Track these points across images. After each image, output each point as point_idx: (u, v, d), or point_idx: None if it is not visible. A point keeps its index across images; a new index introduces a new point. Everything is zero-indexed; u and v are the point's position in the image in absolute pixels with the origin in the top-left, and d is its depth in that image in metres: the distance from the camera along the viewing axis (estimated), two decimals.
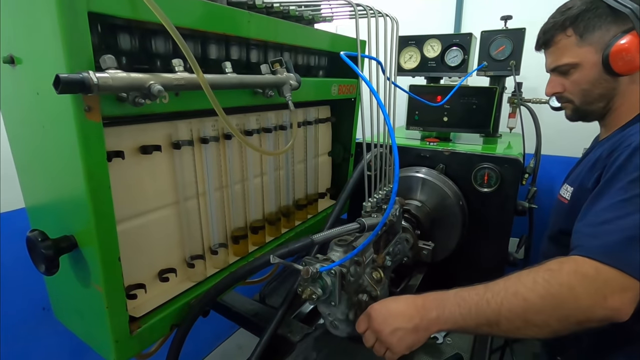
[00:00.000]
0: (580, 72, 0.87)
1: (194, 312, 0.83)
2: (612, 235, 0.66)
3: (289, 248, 0.75)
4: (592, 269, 0.64)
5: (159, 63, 0.79)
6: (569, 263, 0.67)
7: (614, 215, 0.68)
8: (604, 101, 0.88)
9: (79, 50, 0.55)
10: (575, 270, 0.65)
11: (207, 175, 0.90)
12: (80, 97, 0.56)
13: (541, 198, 2.11)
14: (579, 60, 0.86)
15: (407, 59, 1.67)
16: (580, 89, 0.89)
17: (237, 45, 0.93)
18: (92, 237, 0.63)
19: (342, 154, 1.47)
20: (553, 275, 0.66)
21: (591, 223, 0.72)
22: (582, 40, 0.84)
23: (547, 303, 0.64)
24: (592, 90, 0.87)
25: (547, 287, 0.65)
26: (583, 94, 0.89)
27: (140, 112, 0.66)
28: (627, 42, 0.78)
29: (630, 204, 0.67)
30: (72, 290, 0.74)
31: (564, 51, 0.87)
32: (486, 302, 0.68)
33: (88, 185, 0.60)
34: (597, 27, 0.82)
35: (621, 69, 0.80)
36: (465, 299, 0.71)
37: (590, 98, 0.89)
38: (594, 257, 0.65)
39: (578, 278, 0.64)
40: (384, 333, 0.74)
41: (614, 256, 0.64)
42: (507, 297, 0.66)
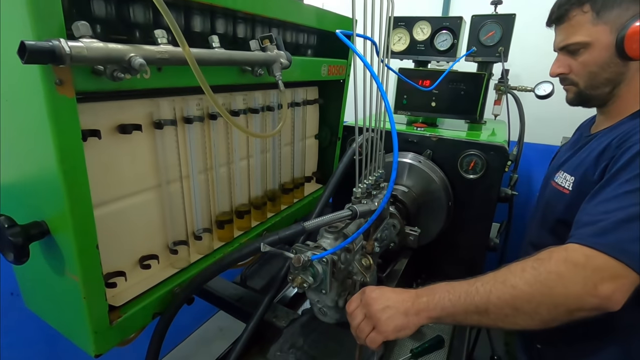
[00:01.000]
0: (590, 52, 0.82)
1: (178, 300, 0.80)
2: (607, 224, 0.65)
3: (280, 235, 0.72)
4: (583, 256, 0.64)
5: (137, 34, 0.72)
6: (559, 251, 0.66)
7: (615, 206, 0.67)
8: (610, 86, 0.84)
9: (48, 14, 0.48)
10: (565, 258, 0.65)
11: (190, 157, 0.85)
12: (51, 68, 0.50)
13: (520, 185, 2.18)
14: (591, 39, 0.81)
15: (396, 40, 1.63)
16: (587, 71, 0.85)
17: (223, 18, 0.87)
18: (66, 223, 0.58)
19: (329, 137, 1.44)
20: (542, 263, 0.65)
21: (590, 212, 0.71)
22: (599, 17, 0.79)
23: (535, 291, 0.64)
24: (599, 73, 0.83)
25: (536, 274, 0.64)
26: (590, 77, 0.85)
27: (118, 88, 0.60)
28: None
29: (632, 196, 0.66)
30: (45, 280, 0.69)
31: (578, 28, 0.82)
32: (475, 289, 0.68)
33: (61, 167, 0.54)
34: (616, 3, 0.77)
35: (635, 52, 0.76)
36: (455, 287, 0.71)
37: (597, 82, 0.85)
38: (585, 244, 0.65)
39: (568, 266, 0.64)
40: (374, 307, 0.72)
41: (606, 243, 0.63)
42: (496, 285, 0.67)
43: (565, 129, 2.03)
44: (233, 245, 1.00)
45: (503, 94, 1.63)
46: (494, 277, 0.68)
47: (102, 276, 0.66)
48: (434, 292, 0.72)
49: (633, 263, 0.62)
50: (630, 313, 0.68)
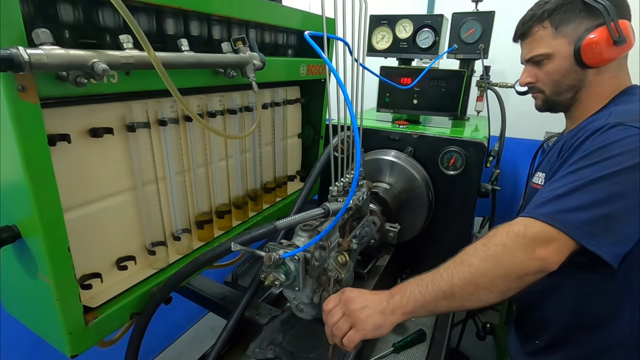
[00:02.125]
0: (553, 62, 0.91)
1: (155, 300, 0.81)
2: (547, 198, 0.73)
3: (251, 235, 0.74)
4: (523, 226, 0.71)
5: (108, 38, 0.72)
6: (504, 226, 0.73)
7: (557, 184, 0.74)
8: (572, 92, 0.92)
9: (7, 22, 0.49)
10: (507, 231, 0.71)
11: (166, 159, 0.87)
12: (12, 75, 0.51)
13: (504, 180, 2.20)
14: (552, 51, 0.90)
15: (380, 39, 1.64)
16: (551, 79, 0.93)
17: (197, 21, 0.87)
18: (35, 227, 0.59)
19: (313, 135, 1.45)
20: (490, 239, 0.72)
21: (537, 198, 0.76)
22: (557, 32, 0.88)
23: (488, 264, 0.70)
24: (562, 81, 0.91)
25: (485, 250, 0.71)
26: (554, 84, 0.93)
27: (85, 93, 0.61)
28: (597, 35, 0.83)
29: (572, 176, 0.73)
30: (20, 283, 0.69)
31: (540, 42, 0.91)
32: (439, 276, 0.73)
33: (27, 172, 0.55)
34: (571, 20, 0.86)
35: (590, 60, 0.85)
36: (422, 278, 0.76)
37: (560, 88, 0.93)
38: (525, 216, 0.72)
39: (510, 236, 0.70)
40: (354, 306, 0.76)
41: (543, 213, 0.70)
42: (456, 267, 0.72)
43: (548, 124, 2.06)
44: (213, 245, 1.02)
45: (484, 90, 1.65)
46: (453, 261, 0.74)
47: (75, 278, 0.67)
48: (405, 289, 0.76)
49: (565, 228, 0.68)
50: None
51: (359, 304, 0.76)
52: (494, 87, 1.65)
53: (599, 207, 0.69)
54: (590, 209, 0.69)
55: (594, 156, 0.73)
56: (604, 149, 0.72)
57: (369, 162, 1.39)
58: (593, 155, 0.73)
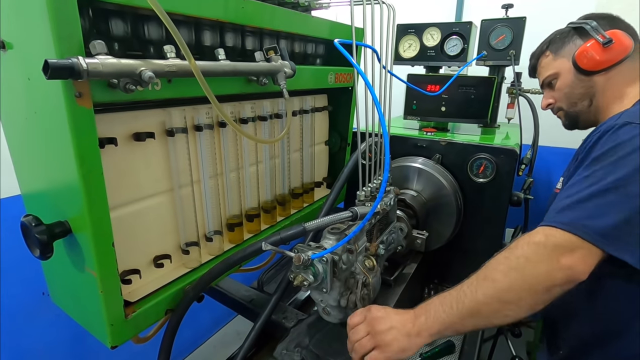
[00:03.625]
0: (560, 79, 1.03)
1: (188, 298, 0.84)
2: (565, 205, 0.71)
3: (281, 235, 0.76)
4: (543, 236, 0.69)
5: (152, 49, 0.78)
6: (524, 237, 0.71)
7: (574, 190, 0.73)
8: (587, 99, 0.99)
9: (69, 35, 0.54)
10: (528, 242, 0.69)
11: (201, 163, 0.91)
12: (71, 82, 0.56)
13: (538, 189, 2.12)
14: (557, 70, 1.03)
15: (407, 47, 1.65)
16: (563, 94, 1.04)
17: (232, 32, 0.92)
18: (85, 223, 0.64)
19: (339, 143, 1.47)
20: (511, 251, 0.70)
21: (556, 205, 0.75)
22: (557, 55, 1.04)
23: (512, 278, 0.67)
24: (572, 91, 1.01)
25: (507, 263, 0.69)
26: (567, 97, 1.03)
27: (132, 99, 0.66)
28: (588, 45, 0.94)
29: (589, 179, 0.72)
30: (68, 275, 0.75)
31: (546, 67, 1.07)
32: (463, 294, 0.71)
33: (80, 172, 0.60)
34: (566, 43, 1.02)
35: (586, 65, 0.95)
36: (446, 297, 0.74)
37: (573, 99, 1.02)
38: (545, 225, 0.70)
39: (531, 247, 0.68)
40: (380, 327, 0.75)
41: (563, 221, 0.69)
42: (479, 283, 0.70)
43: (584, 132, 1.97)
44: (243, 247, 1.04)
45: (515, 97, 1.61)
46: (476, 277, 0.72)
47: (117, 272, 0.71)
48: (429, 309, 0.75)
49: (587, 235, 0.66)
50: None
51: (385, 325, 0.75)
52: (525, 94, 1.61)
53: (618, 212, 0.67)
54: (609, 214, 0.67)
55: (605, 157, 0.72)
56: (614, 149, 0.72)
57: (396, 169, 1.39)
58: (605, 157, 0.72)
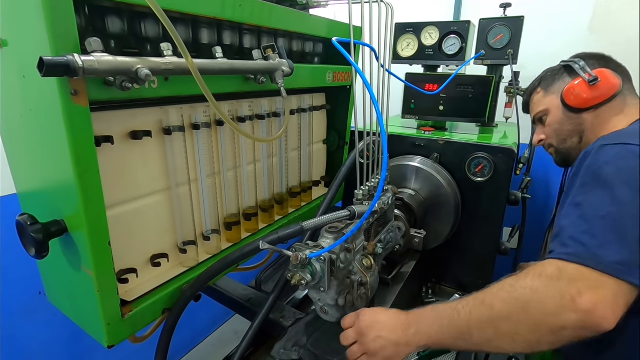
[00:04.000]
0: (550, 116, 1.06)
1: (185, 297, 0.84)
2: (572, 233, 0.65)
3: (279, 234, 0.75)
4: (556, 269, 0.62)
5: (149, 47, 0.78)
6: (536, 267, 0.65)
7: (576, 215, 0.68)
8: (576, 136, 1.02)
9: (64, 33, 0.54)
10: (539, 273, 0.63)
11: (198, 161, 0.90)
12: (67, 80, 0.56)
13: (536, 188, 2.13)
14: (547, 106, 1.06)
15: (405, 46, 1.65)
16: (553, 130, 1.06)
17: (230, 30, 0.92)
18: (81, 222, 0.64)
19: (337, 141, 1.46)
20: (518, 279, 0.64)
21: (557, 224, 0.72)
22: (547, 92, 1.07)
23: (512, 308, 0.62)
24: (561, 128, 1.04)
25: (511, 291, 0.63)
26: (556, 134, 1.06)
27: (129, 97, 0.65)
28: (575, 83, 0.97)
29: (581, 208, 0.68)
30: (64, 274, 0.74)
31: (537, 104, 1.10)
32: (457, 313, 0.67)
33: (76, 170, 0.60)
34: (556, 80, 1.05)
35: (573, 102, 0.97)
36: (440, 312, 0.70)
37: (563, 135, 1.04)
38: (556, 257, 0.64)
39: (542, 280, 0.62)
40: (367, 337, 0.74)
41: (574, 252, 0.62)
42: (476, 305, 0.66)
43: None
44: (240, 246, 1.04)
45: (513, 96, 1.61)
46: (474, 297, 0.68)
47: (114, 271, 0.71)
48: (420, 321, 0.72)
49: (608, 269, 0.58)
50: None
51: (372, 335, 0.74)
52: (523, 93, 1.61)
53: (630, 235, 0.61)
54: (623, 242, 0.60)
55: (593, 181, 0.70)
56: (597, 172, 0.70)
57: (394, 168, 1.39)
58: (592, 181, 0.70)
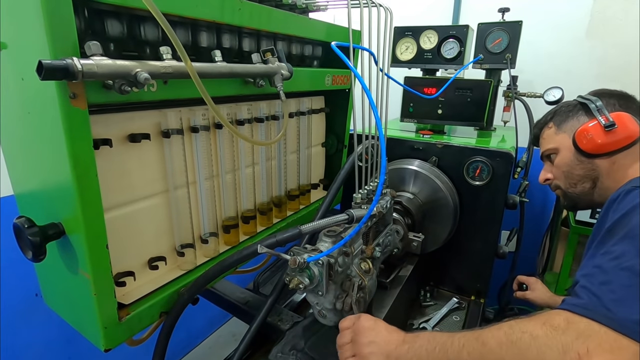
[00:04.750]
0: (559, 156, 0.99)
1: (183, 300, 0.84)
2: (590, 287, 0.59)
3: (277, 238, 0.75)
4: (564, 320, 0.56)
5: (148, 50, 0.78)
6: (542, 314, 0.60)
7: (589, 269, 0.63)
8: (588, 182, 0.94)
9: (63, 36, 0.54)
10: (544, 321, 0.57)
11: (197, 164, 0.90)
12: (65, 83, 0.55)
13: (534, 192, 2.13)
14: (557, 145, 0.99)
15: (404, 50, 1.66)
16: (561, 172, 0.99)
17: (229, 34, 0.92)
18: (79, 225, 0.63)
19: (336, 145, 1.47)
20: (519, 323, 0.60)
21: (578, 277, 0.65)
22: (559, 129, 0.99)
23: (505, 351, 0.57)
24: (571, 171, 0.96)
25: (509, 333, 0.59)
26: (565, 177, 0.98)
27: (127, 100, 0.65)
28: (590, 125, 0.90)
29: (604, 256, 0.63)
30: (61, 277, 0.74)
31: (548, 140, 1.03)
32: (451, 342, 0.65)
33: (74, 173, 0.60)
34: (570, 117, 0.97)
35: (586, 146, 0.90)
36: (436, 337, 0.68)
37: (573, 180, 0.97)
38: (568, 309, 0.58)
39: (545, 328, 0.56)
40: (361, 339, 0.74)
41: (587, 305, 0.56)
42: (470, 340, 0.63)
43: None
44: (238, 249, 1.04)
45: (511, 100, 1.62)
46: (472, 332, 0.65)
47: (111, 274, 0.70)
48: (415, 341, 0.71)
49: (625, 329, 0.52)
50: None
51: (367, 339, 0.74)
52: (521, 97, 1.62)
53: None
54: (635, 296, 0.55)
55: (618, 229, 0.65)
56: (625, 218, 0.65)
57: (393, 171, 1.39)
58: (617, 228, 0.65)
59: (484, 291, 1.44)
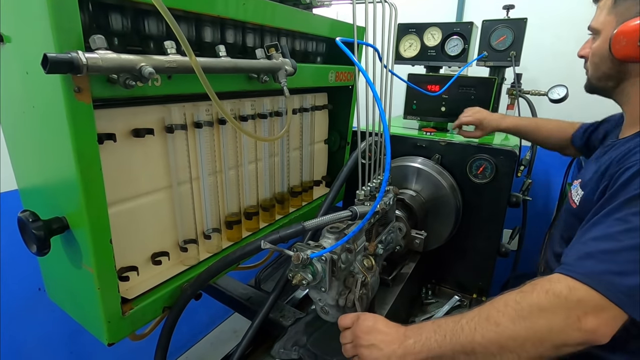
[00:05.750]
0: (599, 42, 0.82)
1: (186, 295, 0.84)
2: (593, 256, 0.63)
3: (280, 234, 0.75)
4: (566, 287, 0.61)
5: (152, 45, 0.77)
6: (542, 282, 0.64)
7: (601, 232, 0.66)
8: (613, 82, 0.83)
9: (68, 30, 0.54)
10: (547, 290, 0.62)
11: (200, 160, 0.90)
12: (70, 77, 0.55)
13: (536, 190, 2.13)
14: (601, 27, 0.82)
15: (407, 47, 1.65)
16: (593, 61, 0.85)
17: (233, 29, 0.92)
18: (83, 219, 0.63)
19: (339, 141, 1.46)
20: (524, 296, 0.63)
21: (580, 242, 0.68)
22: (614, 6, 0.79)
23: (519, 327, 0.61)
24: (600, 66, 0.83)
25: (518, 309, 0.62)
26: (594, 68, 0.85)
27: (132, 95, 0.65)
28: (632, 26, 0.72)
29: (620, 224, 0.64)
30: (65, 271, 0.74)
31: (600, 12, 0.83)
32: (460, 328, 0.65)
33: (78, 167, 0.60)
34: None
35: (618, 52, 0.76)
36: (442, 325, 0.68)
37: (598, 73, 0.85)
38: (569, 274, 0.63)
39: (549, 298, 0.61)
40: (362, 342, 0.74)
41: (590, 275, 0.61)
42: (481, 322, 0.64)
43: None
44: (241, 245, 1.04)
45: (515, 98, 1.61)
46: (478, 312, 0.66)
47: (115, 269, 0.70)
48: (421, 333, 0.69)
49: (615, 297, 0.59)
50: None
51: (367, 341, 0.72)
52: (525, 95, 1.61)
53: None
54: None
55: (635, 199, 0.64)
56: None
57: (395, 168, 1.39)
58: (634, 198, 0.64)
59: (485, 289, 1.44)
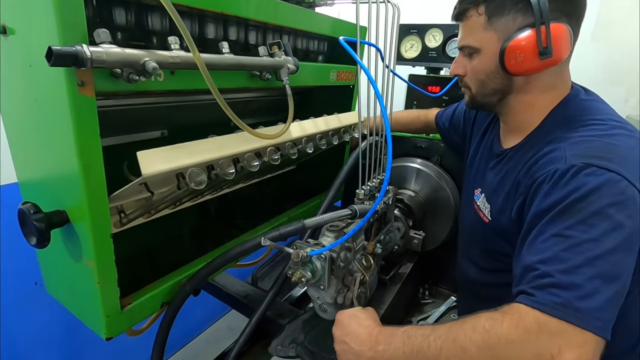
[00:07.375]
0: (480, 59, 0.81)
1: (184, 291, 0.84)
2: (552, 281, 0.59)
3: (280, 231, 0.76)
4: (534, 322, 0.57)
5: (155, 40, 0.77)
6: (512, 313, 0.60)
7: (559, 267, 0.60)
8: (498, 95, 0.84)
9: (73, 23, 0.54)
10: (517, 324, 0.58)
11: None
12: (74, 71, 0.55)
13: None
14: (481, 45, 0.80)
15: (408, 48, 1.65)
16: (477, 79, 0.84)
17: (236, 26, 0.92)
18: (83, 213, 0.63)
19: None
20: (494, 324, 0.60)
21: (533, 272, 0.63)
22: (489, 23, 0.77)
23: (484, 356, 0.59)
24: (487, 83, 0.82)
25: (486, 337, 0.59)
26: (479, 85, 0.84)
27: (135, 89, 0.65)
28: (525, 40, 0.72)
29: (564, 242, 0.61)
30: (64, 265, 0.74)
31: (472, 31, 0.81)
32: (427, 345, 0.63)
33: (80, 161, 0.60)
34: (505, 11, 0.75)
35: (513, 68, 0.75)
36: (411, 337, 0.66)
37: (486, 91, 0.84)
38: (533, 306, 0.59)
39: (519, 331, 0.58)
40: (336, 333, 0.76)
41: (555, 303, 0.57)
42: (447, 343, 0.62)
43: None
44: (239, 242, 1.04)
45: None
46: (447, 331, 0.63)
47: (114, 264, 0.71)
48: (391, 342, 0.68)
49: (589, 325, 0.56)
50: None
51: (340, 336, 0.74)
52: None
53: (611, 286, 0.58)
54: (601, 292, 0.57)
55: (576, 211, 0.62)
56: (584, 201, 0.61)
57: (395, 168, 1.40)
58: (575, 210, 0.62)
59: None
